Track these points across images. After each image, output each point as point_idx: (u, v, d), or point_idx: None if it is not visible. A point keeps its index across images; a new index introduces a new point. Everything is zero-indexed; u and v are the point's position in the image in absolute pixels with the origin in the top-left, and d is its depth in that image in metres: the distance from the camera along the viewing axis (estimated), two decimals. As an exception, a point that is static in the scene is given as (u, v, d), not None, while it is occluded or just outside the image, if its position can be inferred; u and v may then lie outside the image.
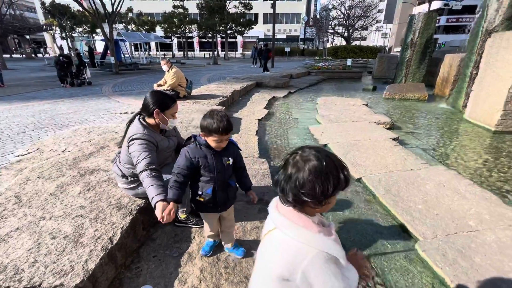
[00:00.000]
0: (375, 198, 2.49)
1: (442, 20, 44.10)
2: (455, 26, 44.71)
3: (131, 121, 1.89)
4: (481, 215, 2.05)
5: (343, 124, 4.63)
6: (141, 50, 24.82)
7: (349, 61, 14.27)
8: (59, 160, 2.52)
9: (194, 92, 6.28)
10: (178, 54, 41.51)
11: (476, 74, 5.40)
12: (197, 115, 4.24)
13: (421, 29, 8.34)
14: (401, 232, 2.09)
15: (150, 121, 1.83)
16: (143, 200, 1.91)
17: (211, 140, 1.38)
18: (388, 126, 4.61)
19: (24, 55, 33.58)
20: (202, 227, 1.97)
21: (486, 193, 2.36)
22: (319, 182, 0.67)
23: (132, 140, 1.71)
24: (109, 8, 14.19)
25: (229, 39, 36.47)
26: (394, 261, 1.82)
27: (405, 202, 2.28)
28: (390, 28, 54.69)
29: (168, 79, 5.44)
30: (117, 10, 14.44)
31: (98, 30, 27.81)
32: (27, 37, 34.54)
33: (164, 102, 1.82)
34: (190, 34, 34.99)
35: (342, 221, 2.25)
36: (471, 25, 6.39)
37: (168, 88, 5.40)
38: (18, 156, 3.26)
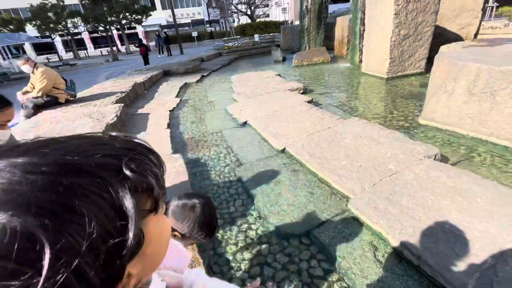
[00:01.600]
0: (302, 165, 2.33)
1: (329, -9, 48.87)
2: (340, -4, 50.32)
3: None
4: (397, 156, 2.09)
5: (260, 97, 4.43)
6: (12, 57, 19.59)
7: (256, 37, 14.33)
8: None
9: (83, 94, 5.08)
10: (67, 55, 34.72)
11: (363, 30, 5.92)
12: (84, 120, 3.35)
13: (313, -4, 8.75)
14: (333, 194, 1.97)
15: None
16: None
17: None
18: (301, 91, 4.63)
19: None
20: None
21: (395, 133, 2.46)
22: None
23: None
24: None
25: (127, 31, 32.25)
26: (333, 229, 1.67)
27: (330, 162, 2.18)
28: (288, 2, 57.95)
29: (36, 83, 4.16)
30: None
31: None
32: None
33: None
34: (76, 30, 29.34)
35: (274, 199, 2.01)
36: (352, -14, 6.93)
37: (39, 95, 4.15)
38: None
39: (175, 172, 2.34)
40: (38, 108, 4.06)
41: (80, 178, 0.25)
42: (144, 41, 18.58)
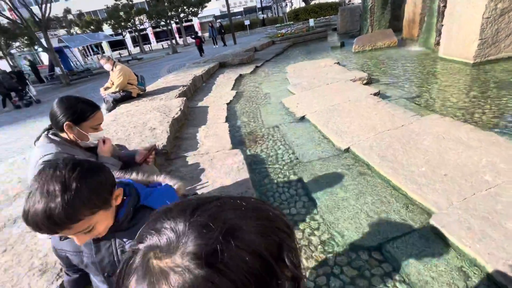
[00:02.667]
0: (370, 168, 2.13)
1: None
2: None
3: (37, 140, 1.37)
4: (495, 165, 1.74)
5: (318, 89, 4.20)
6: (93, 54, 22.68)
7: (311, 22, 13.59)
8: (-27, 213, 1.95)
9: (150, 88, 5.56)
10: (135, 50, 38.65)
11: (444, 6, 5.04)
12: (153, 114, 3.65)
13: (379, -29, 7.80)
14: (409, 205, 1.75)
15: (65, 135, 1.31)
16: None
17: None
18: (365, 82, 4.23)
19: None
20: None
21: (491, 135, 2.05)
22: None
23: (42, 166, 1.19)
24: (39, 14, 12.46)
25: (185, 24, 34.15)
26: (411, 246, 1.48)
27: (406, 167, 1.94)
28: (346, -20, 53.33)
29: (114, 79, 4.70)
30: (48, 14, 12.72)
31: (37, 41, 25.01)
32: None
33: (77, 111, 1.29)
34: (142, 26, 32.32)
35: (338, 204, 1.88)
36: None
37: (117, 90, 4.68)
38: None
39: (236, 168, 2.38)
40: (116, 102, 4.60)
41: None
42: (199, 33, 19.39)
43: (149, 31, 39.97)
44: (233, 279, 0.25)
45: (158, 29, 39.61)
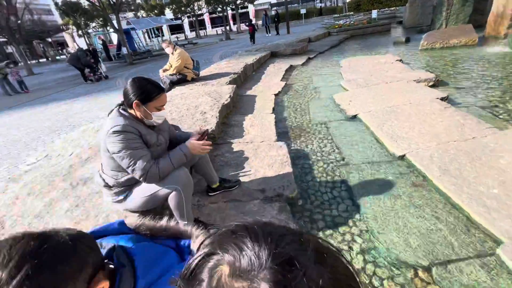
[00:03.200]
0: (428, 181, 1.93)
1: None
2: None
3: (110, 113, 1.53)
4: None
5: (375, 87, 3.91)
6: (154, 37, 24.44)
7: (374, 13, 12.56)
8: (54, 170, 2.30)
9: (203, 72, 5.80)
10: (191, 34, 40.52)
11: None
12: (205, 99, 3.81)
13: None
14: (471, 228, 1.56)
15: (133, 112, 1.45)
16: (135, 216, 1.59)
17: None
18: (431, 83, 3.80)
19: (49, 59, 35.14)
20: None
21: None
22: None
23: (111, 135, 1.34)
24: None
25: (240, 10, 34.50)
26: (468, 274, 1.33)
27: (473, 186, 1.71)
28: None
29: (173, 62, 5.01)
30: (121, -3, 13.97)
31: (110, 22, 27.81)
32: (49, 40, 35.85)
33: (145, 92, 1.41)
34: (199, 12, 33.59)
35: (386, 214, 1.76)
36: None
37: (174, 72, 4.99)
38: (29, 165, 3.16)
39: (279, 161, 2.38)
40: (172, 84, 4.91)
41: None
42: (253, 20, 19.40)
43: (206, 17, 41.37)
44: None
45: (214, 15, 40.80)
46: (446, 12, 7.52)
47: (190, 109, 3.47)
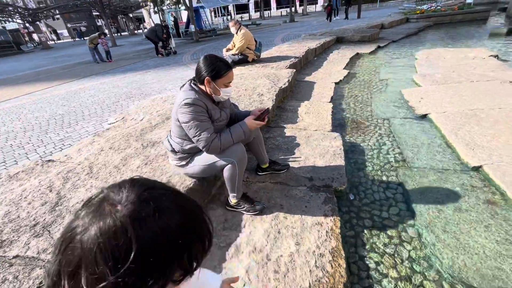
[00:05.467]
0: (506, 199, 1.67)
1: None
2: None
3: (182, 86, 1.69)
4: None
5: (455, 86, 3.41)
6: (220, 15, 25.15)
7: (470, -3, 10.63)
8: (129, 131, 2.65)
9: (264, 54, 5.81)
10: (255, 15, 40.39)
11: None
12: (263, 81, 3.85)
13: None
14: (556, 263, 1.32)
15: (203, 87, 1.57)
16: (192, 181, 1.76)
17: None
18: (534, 87, 3.14)
19: (129, 32, 39.28)
20: (254, 214, 1.72)
21: None
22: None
23: (183, 106, 1.48)
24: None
25: (308, -9, 32.84)
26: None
27: None
28: None
29: (236, 42, 5.12)
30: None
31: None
32: (131, 15, 39.84)
33: (216, 69, 1.50)
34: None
35: (447, 228, 1.60)
36: None
37: (237, 52, 5.11)
38: (110, 124, 3.70)
39: (332, 152, 2.32)
40: (234, 63, 5.06)
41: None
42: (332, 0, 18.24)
43: (273, -3, 40.52)
44: (140, 235, 0.35)
45: (281, -5, 39.67)
46: None
47: (248, 89, 3.56)
